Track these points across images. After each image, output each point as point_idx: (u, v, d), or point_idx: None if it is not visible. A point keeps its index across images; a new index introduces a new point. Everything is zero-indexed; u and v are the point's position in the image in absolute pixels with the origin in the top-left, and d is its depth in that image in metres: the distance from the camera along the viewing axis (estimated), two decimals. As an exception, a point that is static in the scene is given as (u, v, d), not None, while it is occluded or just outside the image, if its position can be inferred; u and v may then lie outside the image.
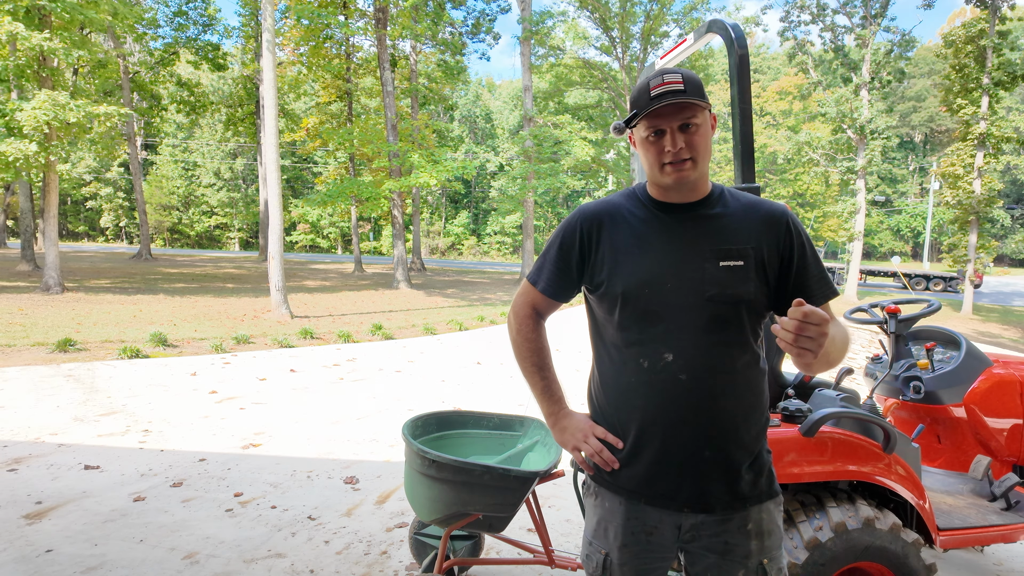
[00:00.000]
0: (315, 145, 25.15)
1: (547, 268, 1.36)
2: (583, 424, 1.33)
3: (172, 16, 23.24)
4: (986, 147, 17.34)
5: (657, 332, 1.21)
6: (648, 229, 1.26)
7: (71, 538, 2.83)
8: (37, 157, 10.78)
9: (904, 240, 53.30)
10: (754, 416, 1.25)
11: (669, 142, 1.19)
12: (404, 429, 2.19)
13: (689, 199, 1.26)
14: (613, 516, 1.30)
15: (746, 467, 1.24)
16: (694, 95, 1.17)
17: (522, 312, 1.41)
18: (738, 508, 1.24)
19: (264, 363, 7.17)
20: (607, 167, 28.07)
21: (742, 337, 1.22)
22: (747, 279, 1.19)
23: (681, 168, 1.20)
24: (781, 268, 1.24)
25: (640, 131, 1.24)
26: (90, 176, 47.11)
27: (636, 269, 1.23)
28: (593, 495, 1.37)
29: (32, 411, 4.84)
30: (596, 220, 1.31)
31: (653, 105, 1.17)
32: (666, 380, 1.21)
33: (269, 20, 10.92)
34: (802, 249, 1.25)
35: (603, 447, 1.29)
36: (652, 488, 1.25)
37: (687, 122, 1.18)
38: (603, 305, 1.29)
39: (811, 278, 1.25)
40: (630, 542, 1.28)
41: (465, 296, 17.33)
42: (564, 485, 3.58)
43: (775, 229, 1.24)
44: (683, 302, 1.20)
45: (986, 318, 17.39)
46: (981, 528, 2.24)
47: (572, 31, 24.76)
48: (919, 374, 2.72)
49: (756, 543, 1.24)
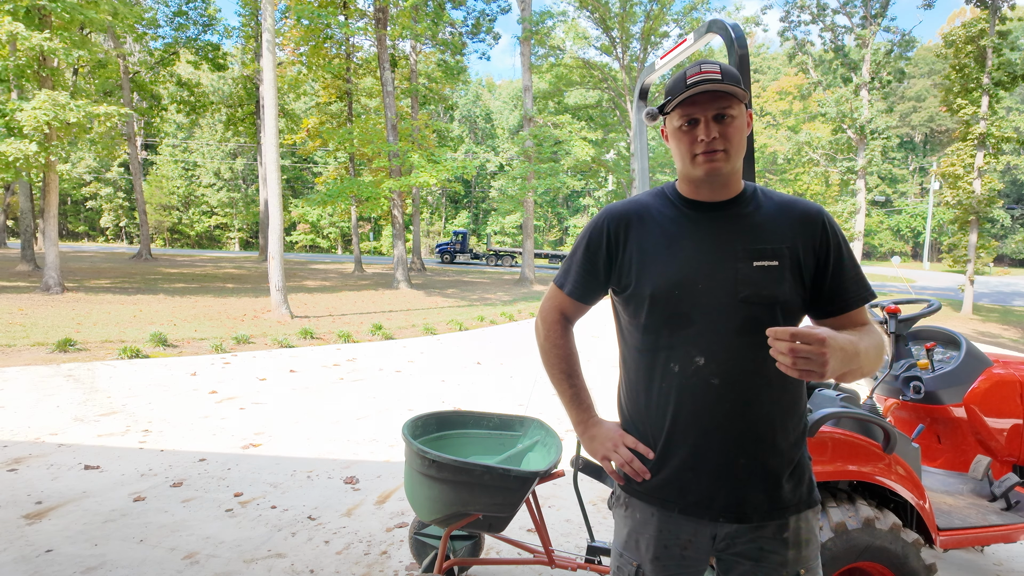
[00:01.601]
0: (315, 145, 25.14)
1: (574, 270, 1.33)
2: (613, 433, 1.30)
3: (172, 16, 23.24)
4: (986, 147, 17.33)
5: (688, 335, 1.17)
6: (678, 228, 1.22)
7: (71, 538, 2.83)
8: (37, 157, 10.78)
9: (904, 240, 53.30)
10: (792, 422, 1.21)
11: (703, 131, 1.16)
12: (404, 429, 2.19)
13: (720, 197, 1.22)
14: (645, 527, 1.25)
15: (786, 476, 1.20)
16: (731, 85, 1.14)
17: (550, 317, 1.37)
18: (776, 517, 1.19)
19: (264, 363, 7.16)
20: (607, 167, 28.09)
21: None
22: (782, 279, 1.15)
23: (713, 158, 1.16)
24: (817, 269, 1.19)
25: (673, 120, 1.21)
26: (90, 176, 47.12)
27: (665, 270, 1.19)
28: (623, 506, 1.32)
29: (32, 411, 4.84)
30: (624, 219, 1.27)
31: (689, 92, 1.14)
32: (698, 385, 1.17)
33: (269, 20, 10.92)
34: (839, 250, 1.20)
35: (633, 457, 1.25)
36: (685, 497, 1.21)
37: (722, 112, 1.16)
38: (629, 307, 1.26)
39: (847, 280, 1.20)
40: (663, 555, 1.23)
41: (465, 296, 17.33)
42: (564, 485, 3.58)
43: (811, 228, 1.19)
44: (715, 303, 1.16)
45: (986, 318, 17.39)
46: (981, 528, 2.24)
47: (572, 31, 24.78)
48: (919, 374, 2.72)
49: (793, 552, 1.20)
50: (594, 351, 7.84)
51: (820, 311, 1.22)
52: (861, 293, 1.21)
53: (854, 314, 1.21)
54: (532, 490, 2.12)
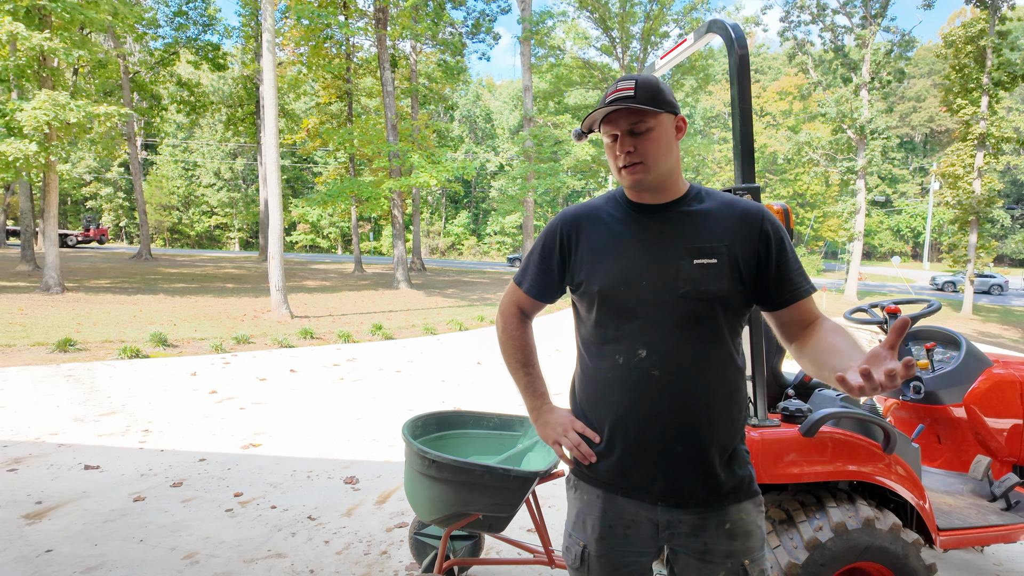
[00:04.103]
0: (315, 145, 25.14)
1: (531, 270, 1.42)
2: (563, 418, 1.37)
3: (172, 16, 23.25)
4: (986, 147, 17.35)
5: (632, 328, 1.24)
6: (624, 229, 1.30)
7: (71, 538, 2.83)
8: (37, 157, 10.78)
9: (904, 240, 53.31)
10: (728, 413, 1.26)
11: (619, 146, 1.24)
12: (404, 429, 2.19)
13: (662, 200, 1.30)
14: (591, 508, 1.33)
15: (720, 464, 1.25)
16: (643, 101, 1.20)
17: (508, 311, 1.48)
18: (714, 506, 1.24)
19: (264, 363, 7.17)
20: (607, 167, 28.08)
21: (716, 334, 1.23)
22: (721, 276, 1.21)
23: (633, 171, 1.24)
24: (758, 265, 1.25)
25: (603, 136, 1.30)
26: (90, 176, 47.11)
27: (612, 268, 1.27)
28: (573, 488, 1.40)
29: (32, 411, 4.84)
30: (575, 222, 1.36)
31: (601, 111, 1.23)
32: (640, 375, 1.23)
33: (269, 20, 10.92)
34: (780, 245, 1.26)
35: (581, 441, 1.32)
36: (627, 480, 1.28)
37: (634, 128, 1.22)
38: (583, 304, 1.33)
39: (792, 272, 1.26)
40: (607, 535, 1.30)
41: (465, 296, 17.33)
42: (564, 485, 3.58)
43: (749, 227, 1.25)
44: (657, 299, 1.23)
45: (986, 318, 17.38)
46: (981, 528, 2.24)
47: (572, 31, 24.78)
48: (919, 374, 2.72)
49: (738, 543, 1.25)
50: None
51: (769, 304, 1.29)
52: (804, 285, 1.27)
53: (803, 304, 1.27)
54: (532, 490, 2.12)
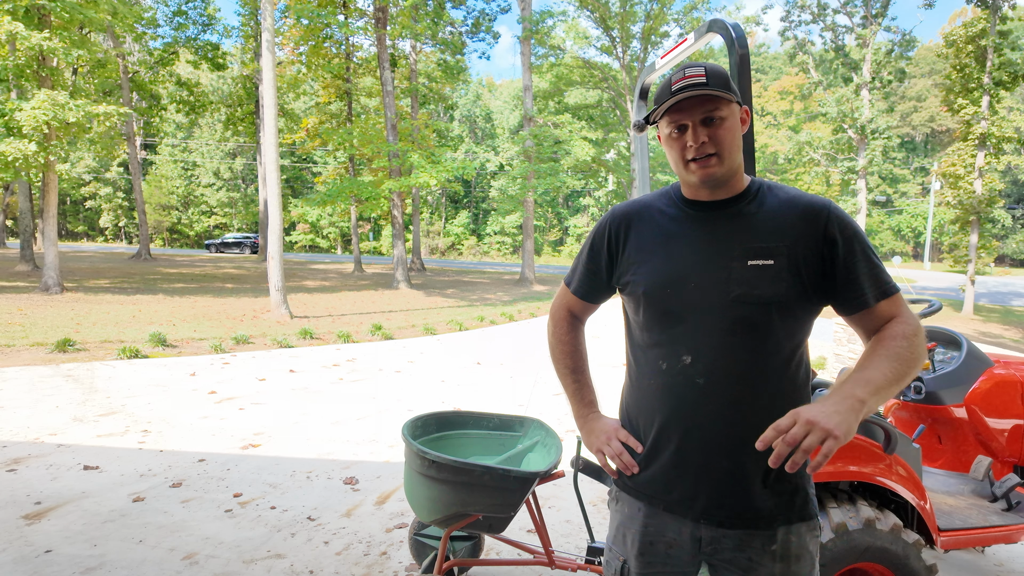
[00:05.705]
0: (315, 145, 25.14)
1: (579, 270, 1.37)
2: (608, 427, 1.32)
3: (172, 16, 23.23)
4: (987, 147, 17.32)
5: (677, 333, 1.17)
6: (676, 228, 1.22)
7: (70, 538, 2.82)
8: (36, 157, 10.77)
9: (905, 240, 53.26)
10: None
11: (691, 137, 1.15)
12: (404, 429, 2.18)
13: (721, 196, 1.21)
14: (632, 522, 1.26)
15: (769, 482, 1.15)
16: (717, 87, 1.11)
17: (558, 315, 1.43)
18: (760, 527, 1.15)
19: (264, 363, 7.16)
20: (607, 167, 28.08)
21: (772, 341, 1.13)
22: (778, 279, 1.11)
23: (706, 164, 1.15)
24: (823, 266, 1.14)
25: (663, 128, 1.20)
26: (89, 176, 47.11)
27: (659, 268, 1.20)
28: (615, 499, 1.34)
29: (31, 411, 4.83)
30: (625, 220, 1.29)
31: (673, 99, 1.13)
32: (684, 383, 1.16)
33: (269, 20, 10.91)
34: (849, 246, 1.13)
35: (623, 450, 1.26)
36: (669, 493, 1.21)
37: (710, 115, 1.13)
38: (630, 305, 1.28)
39: (861, 276, 1.13)
40: (647, 551, 1.24)
41: (465, 296, 17.33)
42: (564, 486, 3.58)
43: (813, 225, 1.14)
44: (706, 302, 1.14)
45: (987, 318, 17.38)
46: (982, 529, 2.24)
47: (572, 31, 24.77)
48: (920, 374, 2.71)
49: (781, 566, 1.15)
50: (594, 352, 7.83)
51: (839, 309, 1.18)
52: (878, 288, 1.13)
53: (878, 310, 1.14)
54: (532, 491, 2.12)
